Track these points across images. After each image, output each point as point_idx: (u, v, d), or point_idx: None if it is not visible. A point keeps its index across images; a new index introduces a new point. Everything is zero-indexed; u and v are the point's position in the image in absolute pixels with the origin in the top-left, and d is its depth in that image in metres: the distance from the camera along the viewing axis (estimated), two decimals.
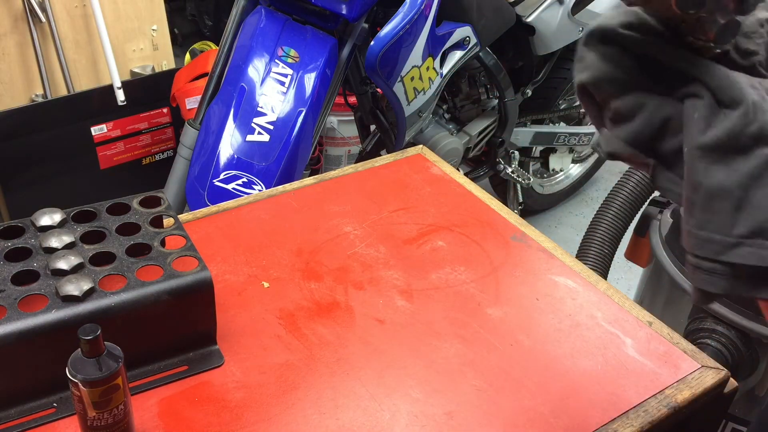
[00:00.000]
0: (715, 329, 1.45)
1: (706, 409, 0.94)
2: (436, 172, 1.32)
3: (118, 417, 0.75)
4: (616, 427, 0.84)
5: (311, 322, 0.97)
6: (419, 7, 1.79)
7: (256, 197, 1.22)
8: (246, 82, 1.68)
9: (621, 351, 0.96)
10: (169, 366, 0.88)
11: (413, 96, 1.97)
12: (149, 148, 2.52)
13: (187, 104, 2.27)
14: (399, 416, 0.85)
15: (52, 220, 0.91)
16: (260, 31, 1.74)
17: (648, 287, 1.69)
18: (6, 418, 0.79)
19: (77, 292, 0.80)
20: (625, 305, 1.03)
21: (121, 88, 2.33)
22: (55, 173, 2.33)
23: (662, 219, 1.66)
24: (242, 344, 0.92)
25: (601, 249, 1.78)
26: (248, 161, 1.62)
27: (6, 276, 0.83)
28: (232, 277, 1.03)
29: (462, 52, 2.11)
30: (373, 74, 1.82)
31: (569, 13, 2.35)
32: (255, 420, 0.82)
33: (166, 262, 0.87)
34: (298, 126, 1.66)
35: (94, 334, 0.71)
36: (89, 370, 0.71)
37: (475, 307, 1.01)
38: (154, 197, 0.98)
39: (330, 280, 1.04)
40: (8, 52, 2.34)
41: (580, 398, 0.88)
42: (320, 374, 0.89)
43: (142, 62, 2.65)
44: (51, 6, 2.33)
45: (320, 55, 1.73)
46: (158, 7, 2.62)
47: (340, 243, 1.12)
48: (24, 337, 0.76)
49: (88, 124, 2.36)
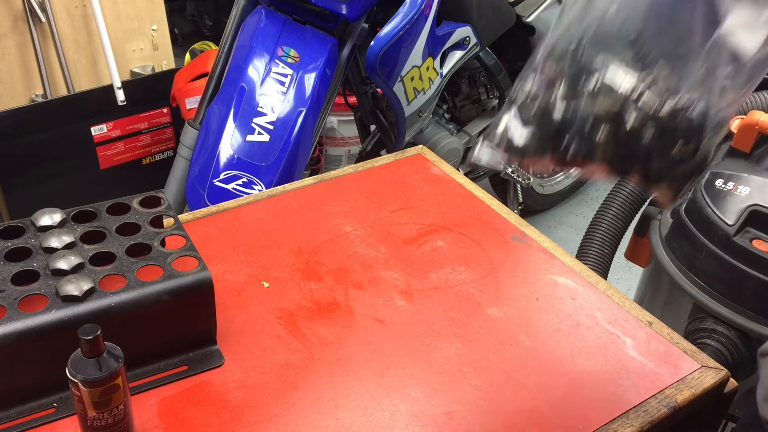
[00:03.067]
0: (715, 329, 1.45)
1: (706, 409, 0.94)
2: (436, 172, 1.32)
3: (118, 417, 0.75)
4: (616, 427, 0.84)
5: (311, 322, 0.97)
6: (419, 7, 1.79)
7: (256, 197, 1.22)
8: (246, 82, 1.68)
9: (621, 351, 0.96)
10: (169, 366, 0.88)
11: (413, 96, 1.97)
12: (149, 148, 2.52)
13: (187, 104, 2.27)
14: (399, 416, 0.85)
15: (52, 220, 0.91)
16: (260, 31, 1.74)
17: (648, 287, 1.69)
18: (6, 418, 0.79)
19: (77, 292, 0.80)
20: (625, 305, 1.03)
21: (121, 88, 2.33)
22: (55, 173, 2.33)
23: (662, 219, 1.66)
24: (242, 344, 0.92)
25: (601, 249, 1.78)
26: (248, 161, 1.62)
27: (6, 276, 0.83)
28: (232, 277, 1.03)
29: (462, 52, 2.11)
30: (373, 74, 1.82)
31: None
32: (255, 420, 0.82)
33: (166, 262, 0.87)
34: (298, 126, 1.66)
35: (94, 334, 0.71)
36: (89, 370, 0.71)
37: (475, 307, 1.01)
38: (154, 197, 0.98)
39: (330, 280, 1.04)
40: (8, 52, 2.34)
41: (580, 398, 0.88)
42: (320, 374, 0.89)
43: (142, 62, 2.65)
44: (51, 6, 2.33)
45: (320, 55, 1.74)
46: (158, 7, 2.62)
47: (340, 243, 1.12)
48: (24, 337, 0.76)
49: (88, 124, 2.36)
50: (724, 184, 1.48)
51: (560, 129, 0.74)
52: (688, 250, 1.51)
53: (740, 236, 1.41)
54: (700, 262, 1.47)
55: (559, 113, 0.74)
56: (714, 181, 1.49)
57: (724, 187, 1.47)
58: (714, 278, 1.45)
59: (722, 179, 1.49)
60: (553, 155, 0.76)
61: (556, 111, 0.74)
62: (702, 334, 1.46)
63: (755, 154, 1.54)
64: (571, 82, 0.74)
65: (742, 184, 1.46)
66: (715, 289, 1.45)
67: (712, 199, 1.47)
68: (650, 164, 0.76)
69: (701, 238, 1.46)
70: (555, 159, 0.76)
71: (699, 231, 1.48)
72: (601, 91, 0.74)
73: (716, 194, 1.47)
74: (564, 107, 0.74)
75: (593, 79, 0.74)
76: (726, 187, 1.47)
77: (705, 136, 0.76)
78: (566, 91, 0.74)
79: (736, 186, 1.46)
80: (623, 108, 0.74)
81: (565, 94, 0.74)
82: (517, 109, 0.76)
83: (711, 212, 1.45)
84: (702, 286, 1.47)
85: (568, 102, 0.74)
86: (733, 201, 1.44)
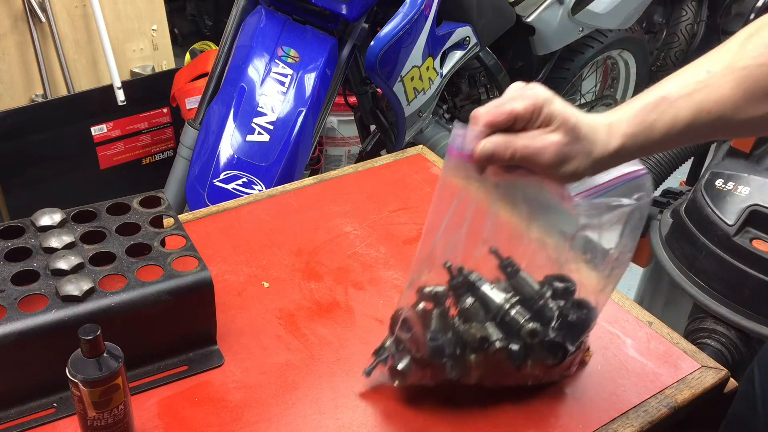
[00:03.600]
0: (715, 329, 1.45)
1: (706, 409, 0.94)
2: (436, 172, 1.32)
3: (118, 417, 0.75)
4: (616, 427, 0.84)
5: (311, 322, 0.97)
6: (419, 7, 1.79)
7: (256, 197, 1.22)
8: (246, 82, 1.68)
9: (621, 351, 0.96)
10: (169, 366, 0.88)
11: (413, 96, 1.97)
12: (149, 148, 2.52)
13: (187, 104, 2.27)
14: (399, 415, 0.84)
15: (52, 220, 0.91)
16: (260, 31, 1.74)
17: (648, 287, 1.70)
18: (6, 418, 0.79)
19: (77, 292, 0.80)
20: (625, 305, 1.03)
21: (121, 88, 2.33)
22: (55, 173, 2.33)
23: (662, 219, 1.66)
24: (242, 344, 0.92)
25: None
26: (248, 161, 1.62)
27: (6, 276, 0.83)
28: (232, 277, 1.03)
29: (462, 52, 2.11)
30: (373, 74, 1.82)
31: (569, 13, 2.35)
32: (255, 420, 0.82)
33: (166, 262, 0.87)
34: (298, 126, 1.66)
35: (94, 334, 0.71)
36: (89, 370, 0.71)
37: None
38: (154, 197, 0.98)
39: (330, 280, 1.04)
40: (8, 52, 2.34)
41: (580, 398, 0.88)
42: (320, 374, 0.89)
43: (142, 62, 2.65)
44: (51, 6, 2.33)
45: (320, 55, 1.74)
46: (158, 7, 2.62)
47: (340, 243, 1.12)
48: (24, 337, 0.76)
49: (88, 124, 2.36)
50: (724, 184, 1.48)
51: (435, 356, 0.80)
52: (688, 250, 1.51)
53: (740, 236, 1.41)
54: (700, 262, 1.47)
55: (432, 342, 0.79)
56: (714, 181, 1.50)
57: (724, 187, 1.47)
58: (714, 278, 1.45)
59: (722, 179, 1.49)
60: (432, 377, 0.82)
61: (429, 341, 0.80)
62: (702, 334, 1.47)
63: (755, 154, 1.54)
64: (441, 312, 0.81)
65: (742, 184, 1.46)
66: (715, 289, 1.46)
67: (712, 199, 1.47)
68: (525, 374, 0.83)
69: (701, 238, 1.46)
70: (435, 379, 0.82)
71: (699, 231, 1.48)
72: (471, 314, 0.80)
73: (716, 194, 1.47)
74: (436, 336, 0.80)
75: (464, 302, 0.80)
76: (726, 187, 1.47)
77: (573, 346, 0.82)
78: (438, 320, 0.81)
79: (736, 186, 1.46)
80: (493, 328, 0.80)
81: (437, 323, 0.81)
82: (393, 341, 0.82)
83: (711, 212, 1.45)
84: (702, 286, 1.47)
85: (440, 331, 0.80)
86: (733, 201, 1.44)
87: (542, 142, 0.67)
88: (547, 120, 0.68)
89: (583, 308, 0.82)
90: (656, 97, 0.69)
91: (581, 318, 0.82)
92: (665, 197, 1.76)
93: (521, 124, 0.68)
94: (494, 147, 0.67)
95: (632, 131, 0.69)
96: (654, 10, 3.42)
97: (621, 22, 2.57)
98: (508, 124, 0.68)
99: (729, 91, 0.67)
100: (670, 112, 0.68)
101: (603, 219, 0.75)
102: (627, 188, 0.75)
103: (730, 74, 0.67)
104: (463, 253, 0.78)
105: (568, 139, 0.67)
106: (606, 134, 0.69)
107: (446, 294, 0.81)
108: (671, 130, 0.68)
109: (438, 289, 0.81)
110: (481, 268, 0.81)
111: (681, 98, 0.68)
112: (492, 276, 0.82)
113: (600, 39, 2.58)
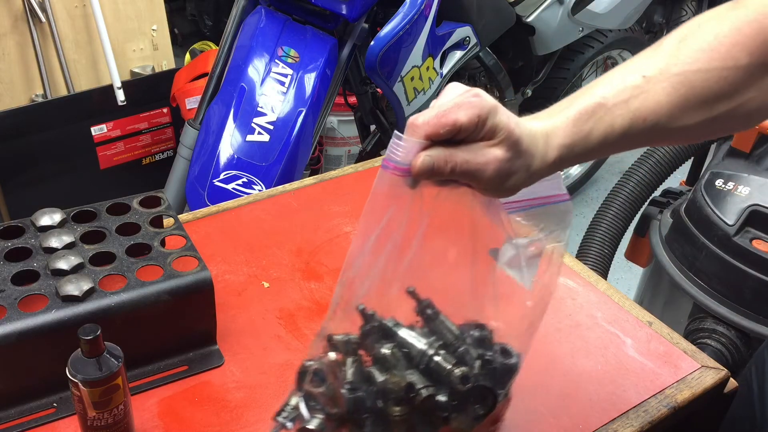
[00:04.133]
0: (715, 329, 1.45)
1: (706, 409, 0.94)
2: None
3: (118, 417, 0.75)
4: (616, 427, 0.84)
5: (311, 322, 0.97)
6: (419, 7, 1.79)
7: (256, 197, 1.22)
8: (246, 82, 1.68)
9: (621, 351, 0.96)
10: (169, 366, 0.88)
11: (413, 96, 1.97)
12: (149, 148, 2.52)
13: (187, 104, 2.27)
14: None
15: (52, 220, 0.91)
16: (260, 31, 1.74)
17: (648, 287, 1.69)
18: (6, 418, 0.79)
19: (77, 292, 0.80)
20: (625, 305, 1.03)
21: (121, 88, 2.33)
22: (55, 173, 2.33)
23: (662, 219, 1.66)
24: (242, 344, 0.92)
25: (601, 249, 1.78)
26: (248, 161, 1.62)
27: (6, 276, 0.83)
28: (232, 277, 1.03)
29: (462, 52, 2.11)
30: (373, 74, 1.82)
31: (569, 13, 2.36)
32: (255, 420, 0.82)
33: (166, 262, 0.87)
34: (298, 126, 1.66)
35: (94, 334, 0.71)
36: (89, 370, 0.71)
37: None
38: (154, 197, 0.98)
39: (330, 280, 1.04)
40: (8, 52, 2.34)
41: (580, 398, 0.88)
42: None
43: (142, 62, 2.65)
44: (51, 6, 2.33)
45: (320, 55, 1.74)
46: (158, 7, 2.62)
47: (340, 243, 1.12)
48: (24, 337, 0.76)
49: (88, 124, 2.36)
50: (724, 184, 1.48)
51: (355, 409, 0.70)
52: (688, 250, 1.51)
53: (740, 236, 1.41)
54: (700, 262, 1.47)
55: (351, 393, 0.70)
56: (714, 181, 1.50)
57: (724, 187, 1.47)
58: (714, 278, 1.45)
59: (722, 179, 1.49)
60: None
61: (347, 392, 0.70)
62: (702, 334, 1.47)
63: (755, 154, 1.54)
64: (355, 360, 0.72)
65: (742, 184, 1.46)
66: (715, 289, 1.46)
67: (712, 199, 1.47)
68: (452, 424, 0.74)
69: (701, 238, 1.46)
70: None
71: (699, 231, 1.48)
72: (390, 362, 0.71)
73: (716, 194, 1.47)
74: (355, 387, 0.70)
75: (381, 349, 0.72)
76: (726, 187, 1.47)
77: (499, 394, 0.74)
78: (353, 370, 0.71)
79: (736, 186, 1.46)
80: (417, 376, 0.71)
81: (353, 375, 0.71)
82: (302, 398, 0.72)
83: (711, 212, 1.45)
84: (702, 286, 1.47)
85: (356, 384, 0.71)
86: (733, 201, 1.45)
87: (484, 158, 0.63)
88: (491, 132, 0.63)
89: (506, 354, 0.76)
90: (593, 102, 0.66)
91: (504, 364, 0.76)
92: (665, 197, 1.76)
93: (463, 135, 0.63)
94: (433, 161, 0.63)
95: (569, 142, 0.66)
96: (654, 10, 3.42)
97: (621, 22, 2.57)
98: (449, 136, 0.63)
99: (665, 98, 0.66)
100: (606, 119, 0.66)
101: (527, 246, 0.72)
102: (546, 215, 0.72)
103: (666, 80, 0.66)
104: (378, 292, 0.70)
105: (510, 155, 0.63)
106: (544, 145, 0.66)
107: (358, 341, 0.73)
108: (608, 138, 0.66)
109: (350, 336, 0.72)
110: (395, 311, 0.73)
111: (617, 105, 0.66)
112: (408, 320, 0.74)
113: (600, 39, 2.58)
